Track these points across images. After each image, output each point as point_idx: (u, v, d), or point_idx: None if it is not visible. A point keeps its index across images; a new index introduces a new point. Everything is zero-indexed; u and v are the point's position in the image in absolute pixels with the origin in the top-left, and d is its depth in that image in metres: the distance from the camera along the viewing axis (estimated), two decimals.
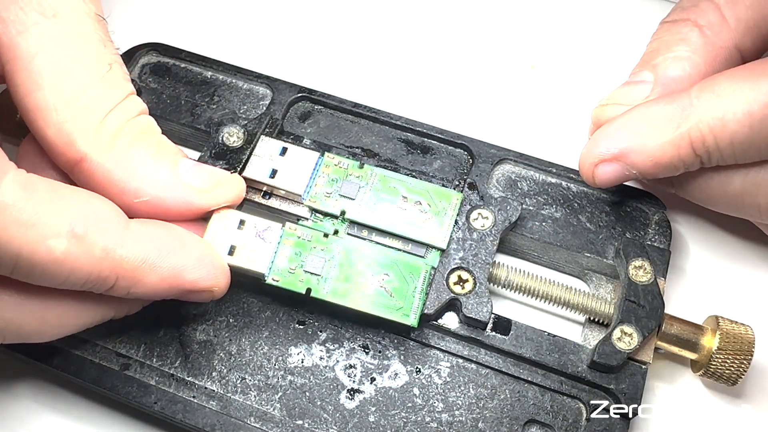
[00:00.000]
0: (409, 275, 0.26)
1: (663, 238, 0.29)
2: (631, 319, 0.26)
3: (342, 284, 0.26)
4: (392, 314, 0.26)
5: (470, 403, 0.26)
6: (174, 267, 0.24)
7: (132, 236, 0.23)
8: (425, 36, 0.37)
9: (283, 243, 0.27)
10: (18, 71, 0.24)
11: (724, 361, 0.26)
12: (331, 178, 0.28)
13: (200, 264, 0.24)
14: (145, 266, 0.23)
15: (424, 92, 0.36)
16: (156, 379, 0.27)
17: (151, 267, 0.23)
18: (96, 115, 0.24)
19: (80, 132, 0.24)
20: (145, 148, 0.25)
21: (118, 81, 0.25)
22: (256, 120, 0.31)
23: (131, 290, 0.23)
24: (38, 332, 0.24)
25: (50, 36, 0.24)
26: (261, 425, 0.26)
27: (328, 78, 0.36)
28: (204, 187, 0.26)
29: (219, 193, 0.26)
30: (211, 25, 0.38)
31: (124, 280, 0.23)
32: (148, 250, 0.23)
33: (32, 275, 0.22)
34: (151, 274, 0.23)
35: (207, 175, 0.26)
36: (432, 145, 0.31)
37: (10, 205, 0.21)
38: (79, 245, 0.22)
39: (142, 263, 0.23)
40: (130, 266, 0.23)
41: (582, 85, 0.36)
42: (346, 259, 0.27)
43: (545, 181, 0.30)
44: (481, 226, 0.28)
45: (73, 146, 0.24)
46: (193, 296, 0.25)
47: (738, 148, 0.25)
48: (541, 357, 0.26)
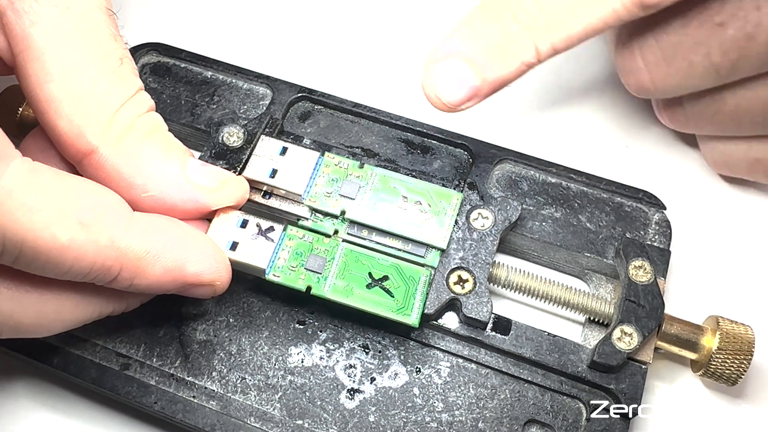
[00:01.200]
0: (410, 276, 0.26)
1: (663, 238, 0.29)
2: (631, 319, 0.26)
3: (343, 282, 0.26)
4: (393, 314, 0.26)
5: (470, 403, 0.26)
6: (177, 259, 0.24)
7: (137, 227, 0.23)
8: (425, 36, 0.37)
9: (284, 243, 0.27)
10: (30, 62, 0.24)
11: (724, 361, 0.26)
12: (331, 178, 0.28)
13: (203, 257, 0.24)
14: (149, 257, 0.23)
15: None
16: (156, 379, 0.27)
17: (155, 258, 0.23)
18: (108, 109, 0.24)
19: (92, 125, 0.24)
20: (154, 144, 0.25)
21: (129, 76, 0.25)
22: (256, 120, 0.31)
23: (134, 282, 0.23)
24: (36, 326, 0.24)
25: (63, 28, 0.24)
26: (261, 425, 0.26)
27: (328, 78, 0.36)
28: (210, 187, 0.26)
29: (224, 193, 0.26)
30: (212, 25, 0.38)
31: (127, 270, 0.23)
32: (153, 241, 0.23)
33: (36, 263, 0.21)
34: (154, 266, 0.23)
35: (214, 175, 0.26)
36: (432, 145, 0.31)
37: (16, 189, 0.21)
38: (84, 233, 0.22)
39: (146, 254, 0.23)
40: (135, 257, 0.23)
41: (582, 85, 0.36)
42: (347, 259, 0.27)
43: (545, 181, 0.30)
44: (481, 226, 0.28)
45: (83, 138, 0.24)
46: (195, 291, 0.25)
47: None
48: (541, 357, 0.26)
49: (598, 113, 0.35)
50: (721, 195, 0.32)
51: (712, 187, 0.33)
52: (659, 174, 0.33)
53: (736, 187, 0.33)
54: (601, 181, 0.30)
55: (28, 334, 0.24)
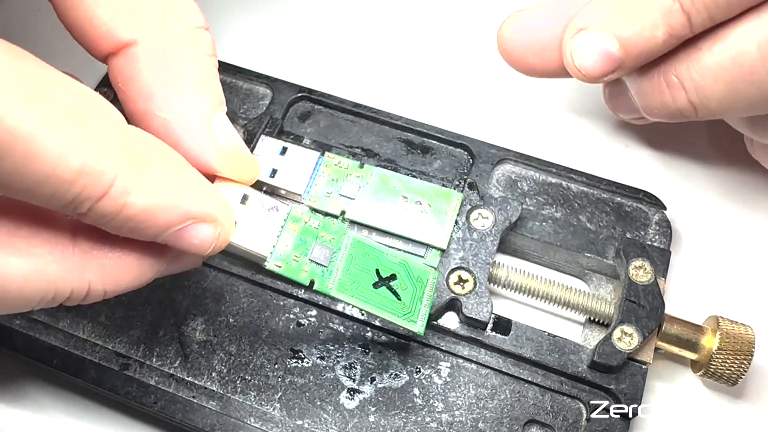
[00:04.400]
0: (417, 276, 0.26)
1: (663, 238, 0.29)
2: (631, 319, 0.26)
3: (349, 279, 0.25)
4: (399, 319, 0.25)
5: (470, 403, 0.26)
6: (180, 181, 0.21)
7: (137, 132, 0.20)
8: (425, 36, 0.37)
9: (288, 227, 0.25)
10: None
11: (724, 361, 0.26)
12: (331, 178, 0.28)
13: (206, 190, 0.22)
14: (151, 163, 0.20)
15: (424, 92, 0.35)
16: (156, 379, 0.27)
17: (157, 168, 0.20)
18: (157, 6, 0.22)
19: (137, 18, 0.22)
20: (198, 72, 0.23)
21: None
22: (256, 120, 0.31)
23: (130, 198, 0.19)
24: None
25: None
26: (261, 425, 0.26)
27: (328, 78, 0.36)
28: (226, 150, 0.23)
29: (236, 164, 0.24)
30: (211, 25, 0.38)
31: (124, 177, 0.19)
32: (156, 152, 0.21)
33: (9, 159, 0.17)
34: (156, 176, 0.20)
35: (236, 141, 0.23)
36: (432, 145, 0.31)
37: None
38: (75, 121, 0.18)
39: (147, 157, 0.20)
40: (135, 158, 0.20)
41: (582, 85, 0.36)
42: (354, 251, 0.25)
43: (545, 181, 0.30)
44: (481, 226, 0.28)
45: (126, 28, 0.22)
46: (195, 233, 0.21)
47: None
48: (541, 357, 0.26)
49: (598, 113, 0.35)
50: (721, 195, 0.32)
51: (712, 187, 0.33)
52: (659, 174, 0.33)
53: (736, 187, 0.33)
54: (601, 181, 0.30)
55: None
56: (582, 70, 0.26)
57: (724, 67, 0.25)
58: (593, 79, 0.27)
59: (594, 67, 0.26)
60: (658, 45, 0.25)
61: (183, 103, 0.22)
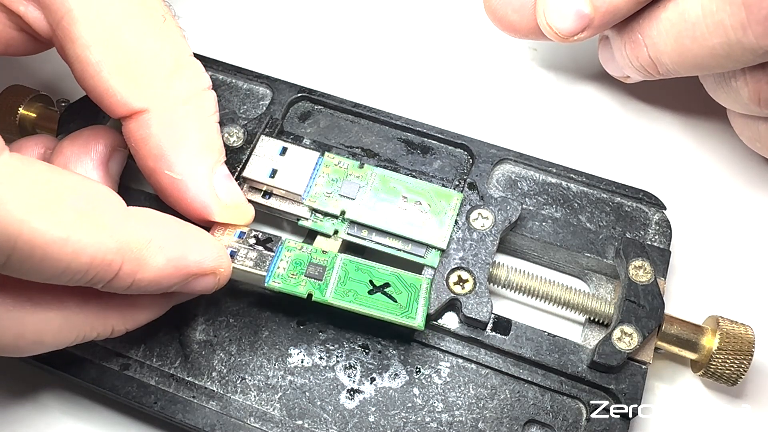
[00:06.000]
0: (410, 284, 0.26)
1: (663, 238, 0.29)
2: (631, 319, 0.26)
3: (344, 289, 0.26)
4: (398, 317, 0.25)
5: (470, 403, 0.26)
6: (179, 247, 0.23)
7: (135, 218, 0.22)
8: (425, 36, 0.37)
9: (283, 254, 0.26)
10: (74, 25, 0.24)
11: (724, 361, 0.26)
12: (331, 178, 0.28)
13: (203, 244, 0.24)
14: (152, 247, 0.22)
15: (424, 92, 0.36)
16: (156, 379, 0.27)
17: (158, 248, 0.22)
18: (162, 73, 0.25)
19: (148, 86, 0.24)
20: (203, 131, 0.26)
21: (176, 36, 0.26)
22: (256, 120, 0.31)
23: (137, 277, 0.22)
24: (12, 347, 0.22)
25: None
26: (261, 425, 0.26)
27: (328, 78, 0.36)
28: (225, 202, 0.26)
29: (233, 213, 0.26)
30: (211, 25, 0.38)
31: (129, 264, 0.22)
32: (154, 230, 0.23)
33: (30, 261, 0.20)
34: (157, 256, 0.22)
35: (234, 193, 0.26)
36: (432, 145, 0.31)
37: (6, 183, 0.19)
38: (82, 224, 0.20)
39: (148, 243, 0.22)
40: (137, 247, 0.22)
41: (583, 86, 0.36)
42: (347, 269, 0.26)
43: (545, 181, 0.30)
44: (481, 226, 0.28)
45: (140, 97, 0.24)
46: (197, 283, 0.24)
47: None
48: (541, 357, 0.26)
49: (598, 113, 0.35)
50: (721, 195, 0.32)
51: (712, 187, 0.33)
52: (659, 174, 0.33)
53: (736, 187, 0.33)
54: (601, 181, 0.30)
55: (4, 353, 0.23)
56: (554, 28, 0.29)
57: (673, 23, 0.27)
58: (564, 38, 0.29)
59: (565, 25, 0.28)
60: (624, 4, 0.27)
61: (188, 162, 0.25)
